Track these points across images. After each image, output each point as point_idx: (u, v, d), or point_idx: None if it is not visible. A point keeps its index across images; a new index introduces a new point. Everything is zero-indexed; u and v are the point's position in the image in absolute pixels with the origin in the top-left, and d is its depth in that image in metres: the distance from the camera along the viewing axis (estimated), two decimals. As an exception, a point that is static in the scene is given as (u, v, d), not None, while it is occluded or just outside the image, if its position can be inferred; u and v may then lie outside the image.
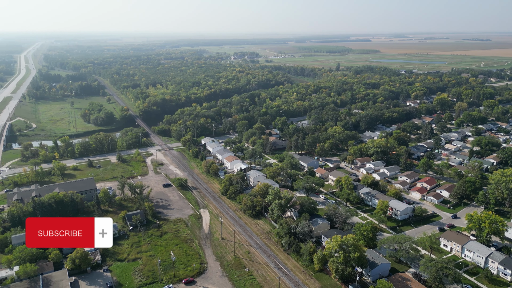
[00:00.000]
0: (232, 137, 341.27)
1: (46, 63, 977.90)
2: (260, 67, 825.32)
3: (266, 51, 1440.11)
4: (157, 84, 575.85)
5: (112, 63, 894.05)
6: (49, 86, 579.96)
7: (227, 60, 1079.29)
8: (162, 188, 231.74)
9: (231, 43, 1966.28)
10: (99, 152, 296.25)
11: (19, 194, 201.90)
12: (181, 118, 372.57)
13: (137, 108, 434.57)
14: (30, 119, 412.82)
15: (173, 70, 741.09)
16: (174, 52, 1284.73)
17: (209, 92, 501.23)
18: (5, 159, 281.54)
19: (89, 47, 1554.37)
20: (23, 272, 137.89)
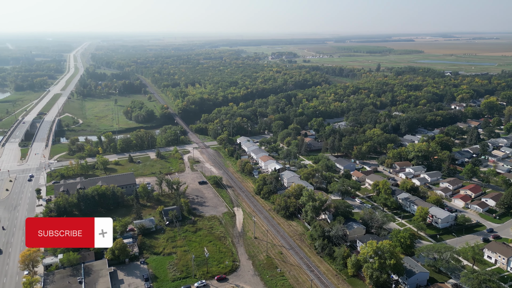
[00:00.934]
0: (267, 137, 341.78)
1: (93, 62, 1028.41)
2: (297, 67, 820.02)
3: (304, 51, 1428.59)
4: (196, 84, 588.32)
5: (154, 63, 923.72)
6: (95, 84, 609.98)
7: (264, 60, 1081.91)
8: (198, 185, 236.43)
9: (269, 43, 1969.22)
10: (139, 148, 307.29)
11: (65, 186, 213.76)
12: (218, 117, 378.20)
13: (176, 106, 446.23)
14: (77, 115, 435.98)
15: (212, 70, 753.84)
16: (213, 52, 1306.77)
17: (245, 92, 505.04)
18: (54, 153, 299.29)
19: (133, 46, 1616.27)
20: (67, 260, 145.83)
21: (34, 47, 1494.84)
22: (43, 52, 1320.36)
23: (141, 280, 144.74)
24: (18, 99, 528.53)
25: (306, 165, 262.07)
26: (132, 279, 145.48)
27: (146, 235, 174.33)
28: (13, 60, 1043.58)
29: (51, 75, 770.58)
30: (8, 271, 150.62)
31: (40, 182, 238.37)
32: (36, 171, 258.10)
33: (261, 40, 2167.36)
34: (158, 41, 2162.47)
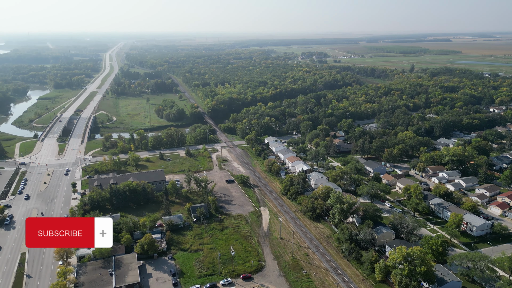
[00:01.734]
0: (295, 137, 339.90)
1: (127, 61, 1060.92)
2: (327, 67, 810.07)
3: (335, 51, 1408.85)
4: (225, 83, 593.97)
5: (185, 62, 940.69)
6: (128, 83, 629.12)
7: (294, 60, 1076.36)
8: (225, 183, 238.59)
9: (299, 43, 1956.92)
10: (170, 146, 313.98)
11: (99, 180, 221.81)
12: (246, 117, 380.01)
13: (206, 106, 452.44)
14: (111, 112, 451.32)
15: (241, 70, 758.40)
16: (243, 52, 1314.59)
17: (274, 91, 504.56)
18: (89, 148, 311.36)
19: (165, 46, 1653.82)
20: (99, 252, 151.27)
21: (73, 47, 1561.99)
22: (81, 52, 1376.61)
23: (168, 275, 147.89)
24: (57, 97, 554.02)
25: (335, 167, 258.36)
26: (160, 274, 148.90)
27: (174, 231, 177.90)
28: (53, 59, 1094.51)
29: (88, 73, 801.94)
30: (44, 261, 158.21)
31: (75, 176, 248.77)
32: (72, 165, 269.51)
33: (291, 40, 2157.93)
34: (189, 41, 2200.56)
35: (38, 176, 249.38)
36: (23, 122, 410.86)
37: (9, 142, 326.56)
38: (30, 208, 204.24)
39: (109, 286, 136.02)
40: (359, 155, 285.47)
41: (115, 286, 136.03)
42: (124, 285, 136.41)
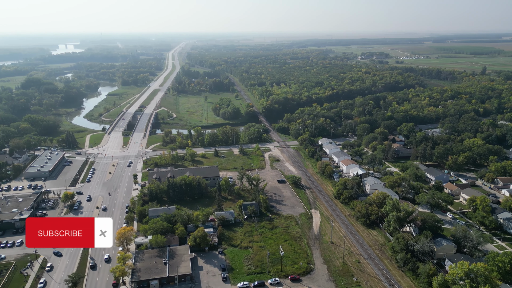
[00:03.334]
0: (350, 140, 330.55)
1: (188, 61, 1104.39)
2: (388, 68, 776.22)
3: (398, 52, 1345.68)
4: (281, 83, 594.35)
5: (243, 62, 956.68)
6: (188, 81, 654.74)
7: (353, 60, 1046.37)
8: (277, 183, 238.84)
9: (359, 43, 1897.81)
10: (224, 143, 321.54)
11: (158, 173, 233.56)
12: (301, 117, 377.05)
13: (260, 105, 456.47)
14: (172, 109, 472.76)
15: (298, 70, 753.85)
16: (300, 52, 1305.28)
17: (331, 92, 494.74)
18: (150, 142, 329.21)
19: (224, 46, 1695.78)
20: (155, 241, 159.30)
21: (140, 46, 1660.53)
22: (147, 51, 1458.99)
23: (218, 269, 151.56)
24: (124, 93, 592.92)
25: (392, 173, 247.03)
26: (210, 267, 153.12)
27: (225, 226, 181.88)
28: (122, 57, 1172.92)
29: (152, 72, 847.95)
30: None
31: (137, 169, 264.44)
32: (135, 158, 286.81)
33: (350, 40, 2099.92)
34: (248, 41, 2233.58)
35: (104, 167, 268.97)
36: (93, 115, 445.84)
37: (80, 134, 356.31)
38: (96, 195, 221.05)
39: (163, 275, 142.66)
40: (420, 162, 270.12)
41: (168, 275, 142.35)
42: (177, 275, 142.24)
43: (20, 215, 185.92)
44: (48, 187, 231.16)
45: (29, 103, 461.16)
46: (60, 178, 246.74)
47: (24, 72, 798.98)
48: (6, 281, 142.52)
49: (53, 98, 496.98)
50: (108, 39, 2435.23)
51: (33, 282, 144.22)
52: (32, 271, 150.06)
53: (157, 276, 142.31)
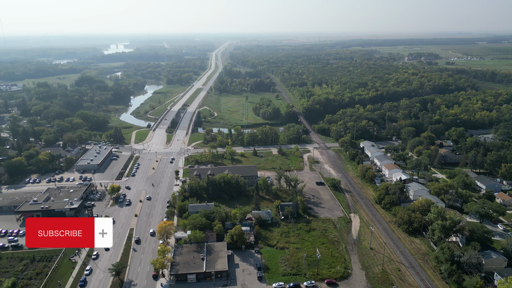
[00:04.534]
0: (394, 143, 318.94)
1: (231, 61, 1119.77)
2: (438, 69, 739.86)
3: (448, 52, 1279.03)
4: (322, 84, 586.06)
5: (284, 62, 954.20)
6: (230, 81, 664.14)
7: (399, 61, 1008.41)
8: (315, 185, 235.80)
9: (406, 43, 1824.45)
10: (263, 143, 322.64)
11: (198, 170, 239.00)
12: (342, 119, 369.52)
13: (301, 106, 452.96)
14: (213, 108, 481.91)
15: (340, 70, 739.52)
16: (343, 52, 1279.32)
17: (375, 94, 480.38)
18: (192, 140, 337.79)
19: (266, 46, 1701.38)
20: (193, 236, 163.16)
21: (185, 46, 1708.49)
22: (191, 51, 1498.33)
23: (254, 268, 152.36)
24: (169, 91, 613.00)
25: (438, 179, 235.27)
26: (246, 266, 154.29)
27: (262, 226, 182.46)
28: (167, 57, 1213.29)
29: (195, 71, 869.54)
30: (148, 238, 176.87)
31: (179, 165, 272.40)
32: (177, 155, 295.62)
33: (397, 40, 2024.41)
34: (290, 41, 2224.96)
35: (148, 162, 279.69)
36: (139, 113, 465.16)
37: (127, 130, 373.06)
38: (140, 189, 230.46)
39: (200, 270, 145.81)
40: (469, 169, 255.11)
41: (206, 270, 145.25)
42: (214, 271, 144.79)
43: (70, 204, 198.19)
44: (96, 179, 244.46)
45: (81, 99, 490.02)
46: (107, 172, 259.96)
47: (78, 70, 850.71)
48: (56, 266, 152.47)
49: (104, 95, 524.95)
50: (155, 39, 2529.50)
51: (80, 269, 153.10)
52: (79, 259, 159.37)
53: (194, 270, 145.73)
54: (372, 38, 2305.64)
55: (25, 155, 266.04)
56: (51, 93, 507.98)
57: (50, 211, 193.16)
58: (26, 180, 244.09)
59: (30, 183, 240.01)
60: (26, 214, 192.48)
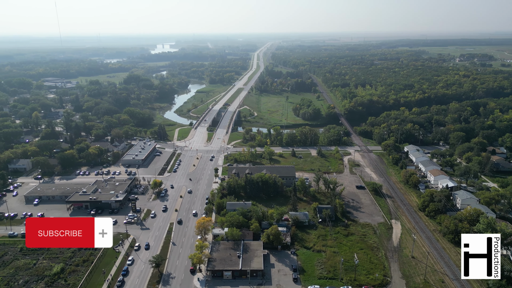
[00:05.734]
0: (441, 148, 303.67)
1: (272, 61, 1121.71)
2: (492, 71, 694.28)
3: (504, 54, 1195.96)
4: (366, 85, 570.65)
5: (327, 62, 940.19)
6: (271, 81, 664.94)
7: (449, 62, 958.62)
8: (355, 189, 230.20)
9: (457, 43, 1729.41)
10: (302, 144, 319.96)
11: (237, 169, 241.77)
12: (386, 121, 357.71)
13: (343, 107, 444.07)
14: (253, 108, 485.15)
15: (385, 71, 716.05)
16: (389, 52, 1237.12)
17: (421, 96, 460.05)
18: (231, 139, 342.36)
19: (309, 46, 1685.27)
20: (230, 234, 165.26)
21: (228, 47, 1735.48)
22: (234, 51, 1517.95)
23: (289, 269, 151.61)
24: (211, 91, 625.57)
25: (489, 188, 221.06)
26: (282, 266, 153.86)
27: (298, 227, 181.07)
28: (211, 57, 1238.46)
29: (237, 71, 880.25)
30: (187, 233, 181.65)
31: (218, 163, 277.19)
32: (216, 153, 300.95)
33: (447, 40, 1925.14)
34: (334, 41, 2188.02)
35: (189, 159, 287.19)
36: (182, 111, 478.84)
37: (171, 127, 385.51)
38: (180, 185, 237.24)
39: (236, 267, 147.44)
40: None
41: (241, 268, 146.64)
42: (249, 269, 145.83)
43: (116, 197, 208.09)
44: (140, 174, 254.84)
45: (129, 97, 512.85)
46: (150, 167, 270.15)
47: (127, 69, 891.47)
48: (101, 255, 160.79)
49: (149, 93, 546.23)
50: (199, 39, 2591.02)
51: (123, 258, 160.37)
52: (122, 249, 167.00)
53: (230, 267, 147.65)
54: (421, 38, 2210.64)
55: (76, 148, 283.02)
56: (101, 91, 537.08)
57: (97, 202, 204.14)
58: (76, 172, 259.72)
59: (80, 175, 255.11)
60: (76, 204, 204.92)
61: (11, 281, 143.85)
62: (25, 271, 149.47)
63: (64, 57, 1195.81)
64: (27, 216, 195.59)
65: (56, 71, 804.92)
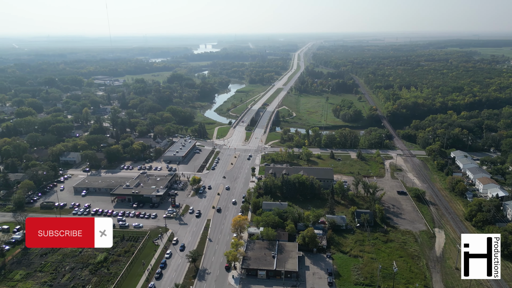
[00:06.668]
0: (492, 155, 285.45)
1: (313, 61, 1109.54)
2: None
3: None
4: (411, 87, 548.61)
5: (370, 63, 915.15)
6: (311, 82, 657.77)
7: (504, 64, 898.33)
8: (396, 194, 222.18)
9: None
10: (342, 146, 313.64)
11: (274, 169, 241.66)
12: (431, 125, 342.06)
13: (385, 109, 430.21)
14: (292, 108, 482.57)
15: (432, 73, 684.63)
16: (437, 53, 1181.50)
17: (471, 99, 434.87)
18: (269, 139, 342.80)
19: (351, 47, 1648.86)
20: (266, 233, 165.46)
21: (268, 46, 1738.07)
22: (274, 51, 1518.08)
23: (324, 273, 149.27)
24: (250, 91, 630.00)
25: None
26: (317, 269, 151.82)
27: (335, 231, 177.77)
28: (251, 57, 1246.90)
29: (277, 71, 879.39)
30: (223, 230, 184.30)
31: (255, 162, 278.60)
32: (254, 152, 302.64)
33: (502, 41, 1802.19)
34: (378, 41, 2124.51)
35: (227, 157, 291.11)
36: (222, 110, 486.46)
37: (210, 126, 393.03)
38: (218, 183, 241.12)
39: (271, 267, 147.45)
40: None
41: (276, 268, 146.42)
42: (284, 270, 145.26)
43: (157, 192, 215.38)
44: (180, 170, 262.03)
45: (172, 95, 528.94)
46: (190, 164, 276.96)
47: (170, 68, 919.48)
48: (141, 247, 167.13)
49: (191, 92, 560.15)
50: (241, 39, 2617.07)
51: (161, 252, 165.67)
52: (161, 242, 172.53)
53: (265, 267, 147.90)
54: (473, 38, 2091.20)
55: (121, 143, 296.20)
56: (146, 89, 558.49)
57: (139, 196, 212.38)
58: (121, 166, 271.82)
59: (124, 169, 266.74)
60: (119, 197, 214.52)
61: (58, 267, 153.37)
62: (71, 258, 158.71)
63: (113, 56, 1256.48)
64: (75, 206, 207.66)
65: (105, 70, 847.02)
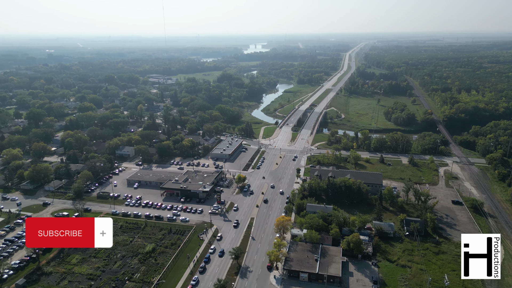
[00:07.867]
0: None
1: (365, 62, 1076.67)
2: None
3: None
4: (471, 90, 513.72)
5: (426, 64, 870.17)
6: (362, 83, 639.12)
7: None
8: (451, 204, 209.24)
9: None
10: (393, 150, 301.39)
11: (319, 171, 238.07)
12: (493, 132, 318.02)
13: (441, 113, 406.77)
14: (341, 110, 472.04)
15: (496, 76, 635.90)
16: (502, 55, 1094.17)
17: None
18: (316, 140, 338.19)
19: (406, 47, 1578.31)
20: (309, 236, 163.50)
21: (319, 47, 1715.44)
22: (325, 51, 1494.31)
23: (369, 281, 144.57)
24: (298, 91, 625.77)
25: None
26: (361, 276, 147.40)
27: (382, 238, 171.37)
28: (301, 57, 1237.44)
29: (327, 71, 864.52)
30: (266, 229, 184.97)
31: (300, 163, 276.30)
32: (300, 153, 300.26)
33: None
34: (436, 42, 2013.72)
35: (273, 157, 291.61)
36: (269, 110, 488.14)
37: (257, 125, 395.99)
38: (263, 182, 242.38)
39: (313, 270, 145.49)
40: None
41: (318, 272, 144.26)
42: (326, 274, 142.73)
43: (203, 188, 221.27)
44: (226, 168, 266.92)
45: (221, 94, 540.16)
46: (236, 162, 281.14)
47: (221, 68, 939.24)
48: (187, 241, 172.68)
49: (240, 91, 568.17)
50: (291, 39, 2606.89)
51: (206, 246, 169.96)
52: (206, 237, 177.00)
53: (307, 270, 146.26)
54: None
55: (172, 140, 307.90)
56: (197, 88, 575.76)
57: (187, 191, 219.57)
58: (171, 161, 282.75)
59: (174, 165, 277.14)
60: (168, 191, 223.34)
61: (111, 254, 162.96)
62: (122, 247, 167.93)
63: (167, 55, 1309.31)
64: (128, 197, 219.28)
65: (160, 68, 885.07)
